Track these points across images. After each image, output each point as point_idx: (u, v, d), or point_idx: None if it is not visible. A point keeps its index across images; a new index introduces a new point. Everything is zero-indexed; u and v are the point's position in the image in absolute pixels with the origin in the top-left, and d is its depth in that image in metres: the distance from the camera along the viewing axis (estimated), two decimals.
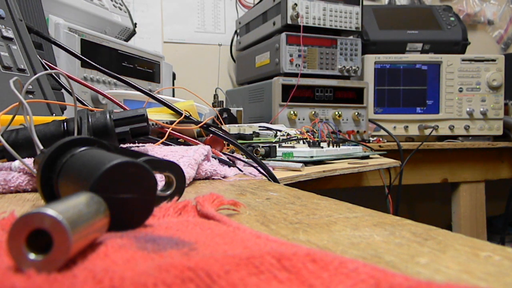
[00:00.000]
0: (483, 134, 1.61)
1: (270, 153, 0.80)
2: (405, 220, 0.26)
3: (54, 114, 0.59)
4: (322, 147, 0.93)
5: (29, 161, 0.37)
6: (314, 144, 0.96)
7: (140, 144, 0.59)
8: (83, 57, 0.72)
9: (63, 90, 0.78)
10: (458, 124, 1.61)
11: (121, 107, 0.62)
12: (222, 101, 1.70)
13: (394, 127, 1.61)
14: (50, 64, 0.67)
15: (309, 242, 0.21)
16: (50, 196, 0.25)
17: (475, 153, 1.57)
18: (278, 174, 0.59)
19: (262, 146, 0.80)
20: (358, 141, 1.33)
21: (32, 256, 0.15)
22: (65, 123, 0.45)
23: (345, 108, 1.50)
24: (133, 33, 1.38)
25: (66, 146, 0.25)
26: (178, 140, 0.67)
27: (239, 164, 0.59)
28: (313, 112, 1.44)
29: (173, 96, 1.44)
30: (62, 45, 0.72)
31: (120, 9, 1.32)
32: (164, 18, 1.83)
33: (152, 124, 0.60)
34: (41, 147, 0.35)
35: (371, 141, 1.48)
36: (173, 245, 0.19)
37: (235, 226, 0.22)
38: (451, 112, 1.61)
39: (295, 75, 1.43)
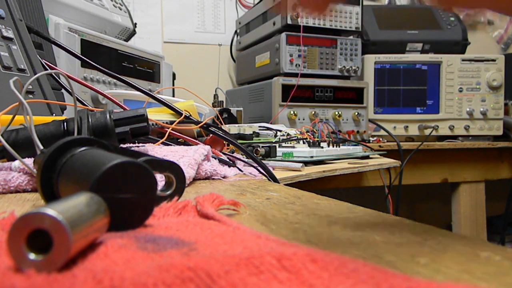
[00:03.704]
0: (483, 134, 1.61)
1: (270, 153, 0.80)
2: (405, 220, 0.26)
3: (54, 114, 0.59)
4: (322, 147, 0.93)
5: (29, 161, 0.37)
6: (314, 144, 0.96)
7: (140, 144, 0.59)
8: (83, 57, 0.72)
9: (63, 90, 0.78)
10: (458, 124, 1.61)
11: (121, 107, 0.62)
12: (222, 101, 1.70)
13: (394, 127, 1.61)
14: (50, 64, 0.67)
15: (309, 242, 0.21)
16: (50, 196, 0.25)
17: (475, 153, 1.57)
18: (278, 174, 0.59)
19: (262, 146, 0.80)
20: (358, 141, 1.33)
21: (32, 256, 0.15)
22: (65, 123, 0.45)
23: (345, 108, 1.50)
24: (133, 33, 1.38)
25: (66, 146, 0.25)
26: (178, 140, 0.67)
27: (239, 164, 0.59)
28: (313, 112, 1.44)
29: (173, 96, 1.44)
30: (62, 45, 0.72)
31: (120, 9, 1.32)
32: (164, 18, 1.83)
33: (152, 124, 0.60)
34: (41, 147, 0.35)
35: (371, 141, 1.48)
36: (173, 245, 0.19)
37: (235, 226, 0.22)
38: (451, 112, 1.61)
39: (295, 75, 1.43)
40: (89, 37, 1.06)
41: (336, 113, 1.48)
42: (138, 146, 0.57)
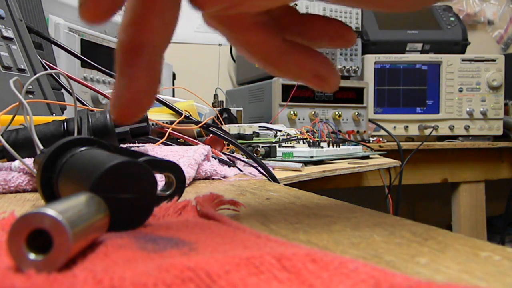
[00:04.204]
0: (483, 134, 1.61)
1: (270, 153, 0.80)
2: (405, 220, 0.26)
3: (54, 114, 0.59)
4: (322, 147, 0.93)
5: (29, 161, 0.37)
6: (314, 144, 0.96)
7: (140, 144, 0.59)
8: (83, 57, 0.72)
9: (63, 90, 0.78)
10: (458, 124, 1.61)
11: None
12: (222, 101, 1.70)
13: (394, 127, 1.61)
14: (50, 64, 0.67)
15: (309, 242, 0.21)
16: (50, 196, 0.25)
17: (475, 153, 1.57)
18: (278, 174, 0.59)
19: (262, 146, 0.80)
20: (358, 141, 1.33)
21: (32, 256, 0.15)
22: (65, 123, 0.45)
23: (345, 108, 1.50)
24: None
25: (66, 146, 0.25)
26: (178, 140, 0.67)
27: (239, 164, 0.59)
28: (313, 112, 1.44)
29: (173, 96, 1.44)
30: (62, 45, 0.72)
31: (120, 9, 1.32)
32: None
33: (152, 124, 0.60)
34: (41, 147, 0.35)
35: (371, 141, 1.48)
36: (173, 245, 0.19)
37: (235, 226, 0.22)
38: (451, 112, 1.61)
39: None
40: (89, 37, 1.06)
41: (336, 113, 1.48)
42: (138, 146, 0.57)
